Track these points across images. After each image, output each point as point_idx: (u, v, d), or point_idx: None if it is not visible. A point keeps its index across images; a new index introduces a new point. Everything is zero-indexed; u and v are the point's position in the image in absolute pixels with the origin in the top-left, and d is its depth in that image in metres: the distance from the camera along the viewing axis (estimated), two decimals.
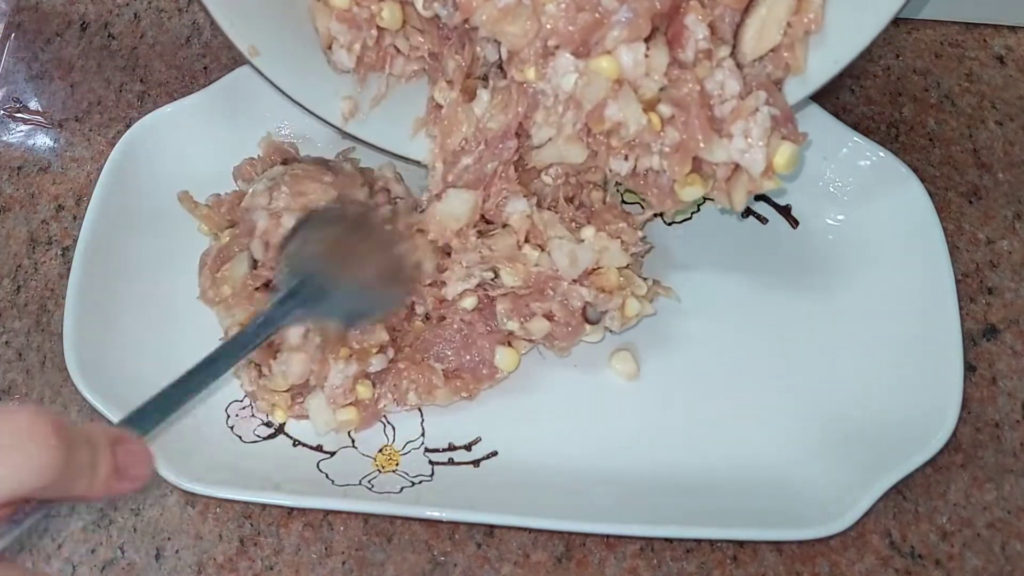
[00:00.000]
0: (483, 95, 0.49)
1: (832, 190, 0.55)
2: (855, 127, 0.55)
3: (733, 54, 0.47)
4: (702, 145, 0.46)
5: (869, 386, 0.50)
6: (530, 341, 0.52)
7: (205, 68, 0.64)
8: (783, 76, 0.49)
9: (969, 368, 0.52)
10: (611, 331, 0.52)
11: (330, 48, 0.51)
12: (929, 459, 0.47)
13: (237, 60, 0.63)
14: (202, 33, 0.65)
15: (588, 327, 0.51)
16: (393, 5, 0.49)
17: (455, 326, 0.52)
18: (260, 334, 0.45)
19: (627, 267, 0.52)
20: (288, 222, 0.51)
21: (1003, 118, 0.60)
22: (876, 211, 0.54)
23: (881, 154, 0.54)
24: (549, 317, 0.51)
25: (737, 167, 0.47)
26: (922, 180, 0.53)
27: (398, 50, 0.52)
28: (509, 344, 0.52)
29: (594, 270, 0.51)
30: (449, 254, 0.52)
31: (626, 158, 0.49)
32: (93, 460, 0.29)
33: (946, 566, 0.48)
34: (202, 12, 0.65)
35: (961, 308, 0.51)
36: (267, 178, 0.53)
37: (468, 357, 0.51)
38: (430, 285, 0.52)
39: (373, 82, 0.53)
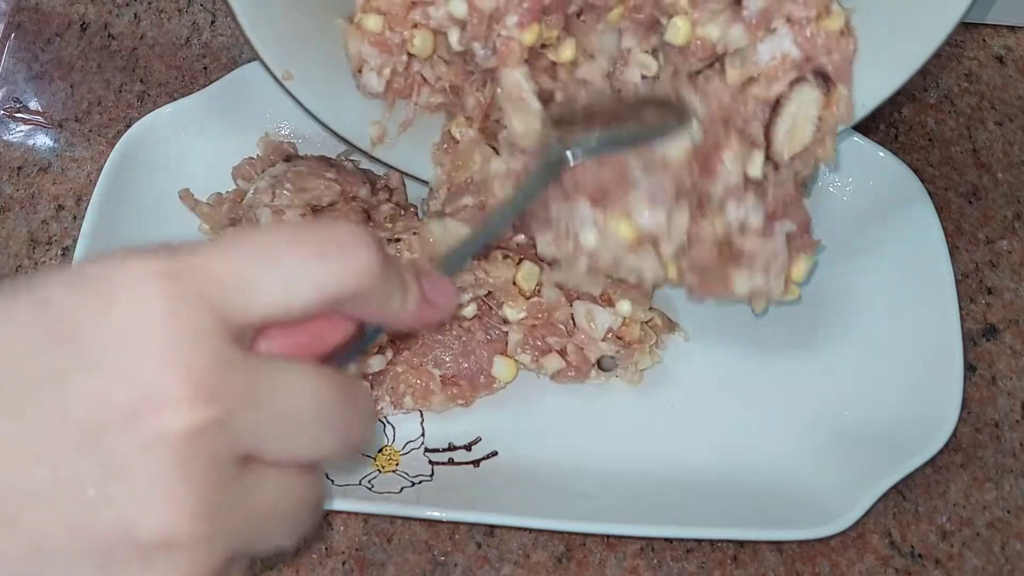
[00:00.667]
0: (498, 164, 0.49)
1: (832, 190, 0.55)
2: (855, 127, 0.55)
3: (768, 155, 0.47)
4: (720, 289, 0.47)
5: (869, 386, 0.50)
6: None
7: (205, 68, 0.64)
8: (811, 171, 0.49)
9: (969, 368, 0.52)
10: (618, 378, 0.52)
11: (360, 72, 0.51)
12: (929, 459, 0.47)
13: (237, 60, 0.63)
14: (202, 33, 0.65)
15: (596, 372, 0.51)
16: (426, 33, 0.49)
17: (454, 332, 0.51)
18: (551, 171, 0.44)
19: (648, 321, 0.52)
20: (291, 219, 0.50)
21: (1002, 118, 0.60)
22: (876, 211, 0.54)
23: (881, 154, 0.54)
24: (562, 354, 0.51)
25: None
26: (922, 180, 0.53)
27: (424, 79, 0.52)
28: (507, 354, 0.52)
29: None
30: None
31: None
32: (404, 280, 0.30)
33: (946, 566, 0.48)
34: (202, 13, 0.65)
35: (961, 308, 0.51)
36: (270, 175, 0.53)
37: (466, 364, 0.51)
38: None
39: (400, 108, 0.53)
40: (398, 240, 0.52)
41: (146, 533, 0.23)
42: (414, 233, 0.51)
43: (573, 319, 0.51)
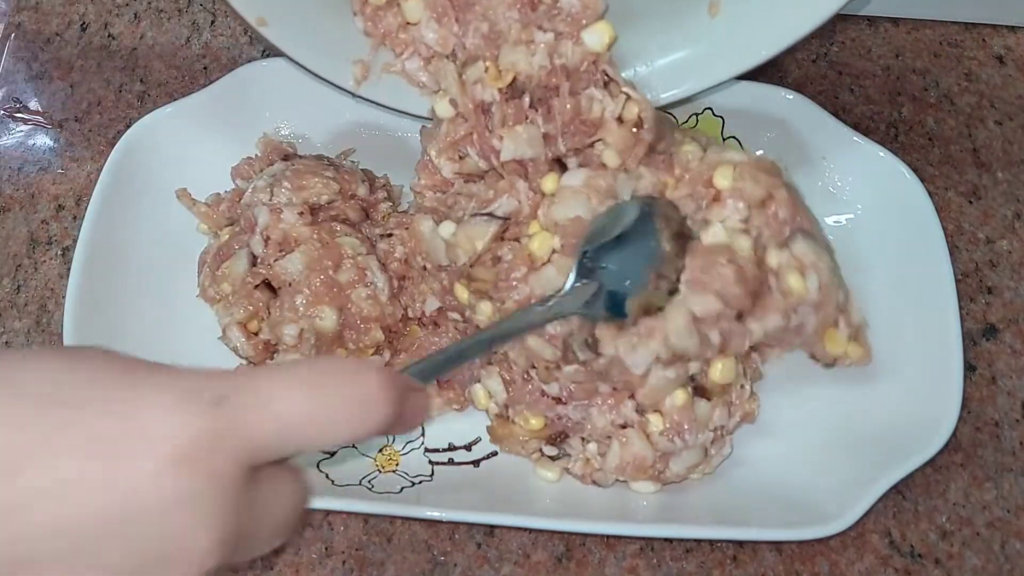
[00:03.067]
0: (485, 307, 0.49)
1: (832, 190, 0.55)
2: (855, 127, 0.55)
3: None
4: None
5: (869, 386, 0.50)
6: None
7: (205, 68, 0.64)
8: None
9: (969, 368, 0.52)
10: (568, 471, 0.50)
11: None
12: (929, 459, 0.47)
13: (237, 60, 0.63)
14: (202, 33, 0.65)
15: (541, 460, 0.50)
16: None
17: (450, 334, 0.51)
18: (547, 318, 0.44)
19: None
20: (289, 217, 0.50)
21: (1002, 117, 0.60)
22: (876, 211, 0.54)
23: (881, 154, 0.54)
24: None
25: None
26: (922, 180, 0.53)
27: (415, 50, 0.52)
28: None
29: None
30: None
31: None
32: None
33: (946, 565, 0.48)
34: (202, 13, 0.65)
35: (961, 308, 0.51)
36: (268, 174, 0.53)
37: (460, 372, 0.51)
38: None
39: (384, 53, 0.53)
40: (391, 235, 0.52)
41: None
42: (405, 228, 0.51)
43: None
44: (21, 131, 0.62)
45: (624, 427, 0.47)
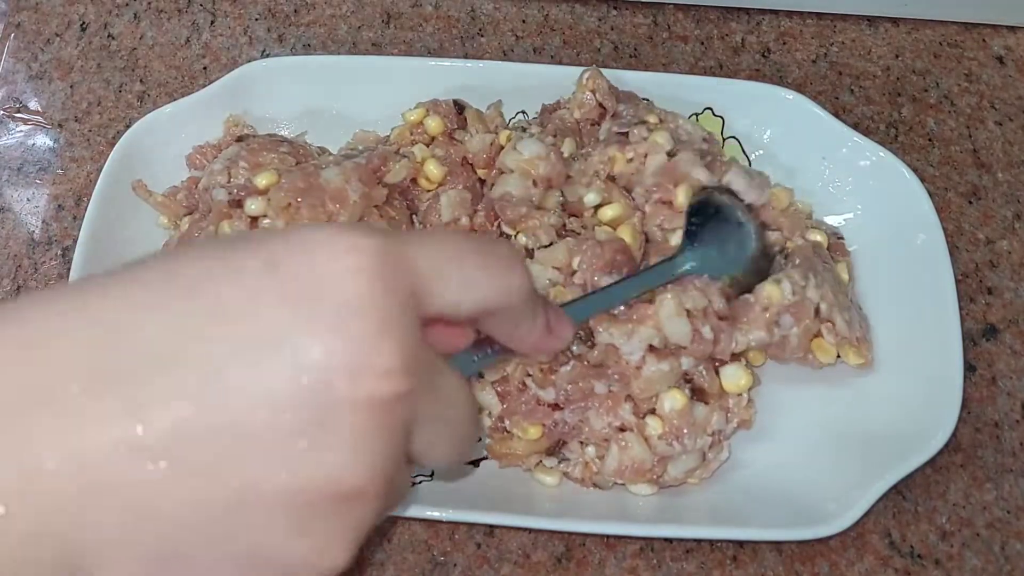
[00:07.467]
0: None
1: (832, 190, 0.55)
2: (855, 127, 0.55)
3: None
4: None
5: (869, 386, 0.50)
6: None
7: (205, 68, 0.64)
8: None
9: (969, 368, 0.52)
10: (568, 476, 0.49)
11: None
12: (929, 459, 0.47)
13: (237, 60, 0.63)
14: (202, 33, 0.65)
15: (540, 462, 0.50)
16: None
17: None
18: (673, 274, 0.49)
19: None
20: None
21: (1002, 118, 0.60)
22: (876, 211, 0.54)
23: (881, 154, 0.54)
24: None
25: None
26: (922, 180, 0.53)
27: None
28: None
29: None
30: None
31: None
32: (536, 306, 0.33)
33: (946, 566, 0.48)
34: (202, 13, 0.65)
35: (961, 308, 0.50)
36: (224, 157, 0.53)
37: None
38: None
39: None
40: None
41: (346, 487, 0.25)
42: None
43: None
44: (21, 131, 0.62)
45: (622, 430, 0.47)
